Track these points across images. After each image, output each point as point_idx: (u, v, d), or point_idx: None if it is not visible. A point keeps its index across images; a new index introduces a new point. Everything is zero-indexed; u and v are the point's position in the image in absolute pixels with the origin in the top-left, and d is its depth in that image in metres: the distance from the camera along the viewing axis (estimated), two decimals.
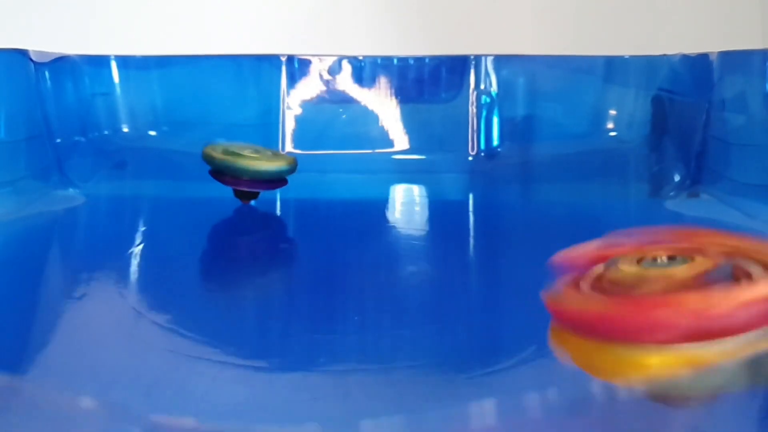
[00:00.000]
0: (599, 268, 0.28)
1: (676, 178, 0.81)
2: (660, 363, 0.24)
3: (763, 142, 0.71)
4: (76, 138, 0.83)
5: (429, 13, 0.99)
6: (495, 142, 0.88)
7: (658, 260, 0.27)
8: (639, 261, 0.27)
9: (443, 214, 0.77)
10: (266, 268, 0.60)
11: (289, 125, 0.88)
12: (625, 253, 0.28)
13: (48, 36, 0.93)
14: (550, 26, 0.99)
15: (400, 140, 0.89)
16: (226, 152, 0.72)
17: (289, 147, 0.88)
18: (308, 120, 0.89)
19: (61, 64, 0.83)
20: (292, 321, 0.47)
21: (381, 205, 0.78)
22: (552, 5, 0.99)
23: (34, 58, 0.78)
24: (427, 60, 0.90)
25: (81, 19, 0.95)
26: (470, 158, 0.87)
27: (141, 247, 0.64)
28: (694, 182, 0.79)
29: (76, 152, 0.82)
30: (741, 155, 0.74)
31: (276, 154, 0.75)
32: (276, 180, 0.73)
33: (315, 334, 0.41)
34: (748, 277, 0.25)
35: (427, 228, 0.73)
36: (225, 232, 0.73)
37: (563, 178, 0.86)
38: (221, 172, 0.72)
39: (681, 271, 0.26)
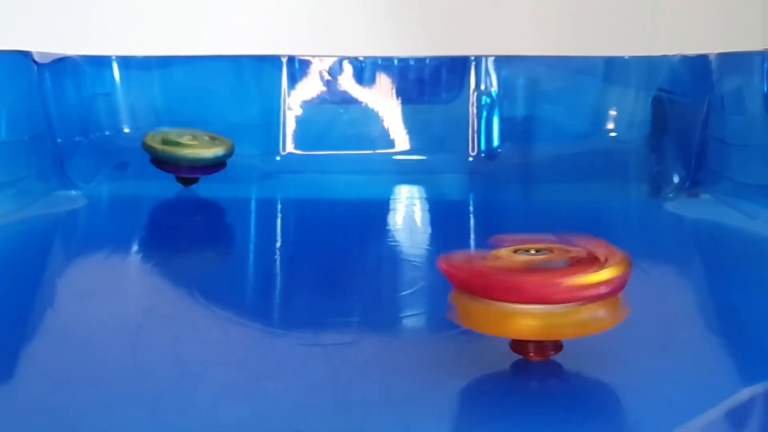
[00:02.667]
0: (487, 252, 0.38)
1: (676, 178, 0.81)
2: (519, 317, 0.34)
3: (763, 143, 0.72)
4: (78, 138, 0.84)
5: (429, 13, 0.99)
6: (495, 142, 0.88)
7: (530, 251, 0.37)
8: (515, 251, 0.37)
9: (444, 214, 0.77)
10: (267, 269, 0.60)
11: (290, 126, 0.88)
12: (507, 245, 0.38)
13: (49, 37, 0.93)
14: (550, 27, 0.99)
15: (401, 141, 0.89)
16: (166, 141, 0.76)
17: (290, 147, 0.88)
18: (309, 120, 0.89)
19: (62, 64, 0.83)
20: (293, 323, 0.47)
21: (382, 205, 0.78)
22: (552, 6, 0.99)
23: (36, 59, 0.78)
24: (427, 61, 0.90)
25: (82, 20, 0.95)
26: (470, 159, 0.88)
27: (142, 248, 0.64)
28: (694, 182, 0.79)
29: (77, 152, 0.82)
30: (740, 155, 0.74)
31: (214, 139, 0.77)
32: (214, 165, 0.76)
33: (316, 337, 0.41)
34: (585, 266, 0.35)
35: (427, 228, 0.73)
36: (225, 232, 0.73)
37: (563, 178, 0.86)
38: (162, 161, 0.76)
39: (541, 258, 0.36)
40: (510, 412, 0.35)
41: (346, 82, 0.89)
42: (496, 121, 0.88)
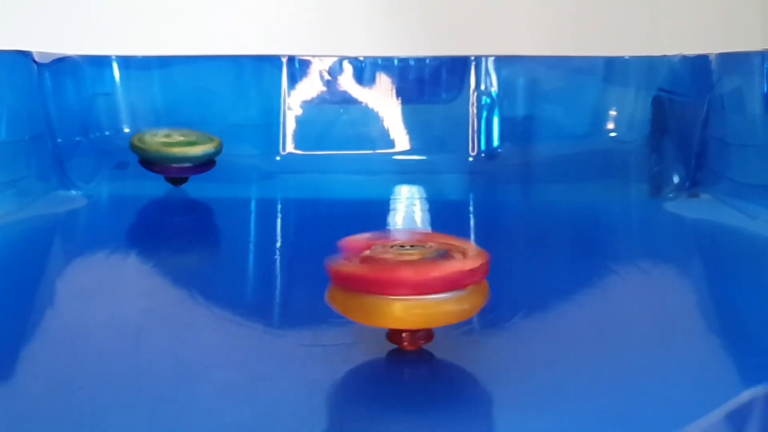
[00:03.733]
0: (367, 250, 0.39)
1: (676, 178, 0.81)
2: (396, 309, 0.36)
3: (763, 143, 0.72)
4: (78, 138, 0.84)
5: (430, 13, 0.99)
6: (495, 142, 0.88)
7: (405, 246, 0.39)
8: (392, 246, 0.39)
9: (444, 214, 0.77)
10: (267, 269, 0.60)
11: (290, 126, 0.88)
12: (385, 242, 0.40)
13: (49, 37, 0.93)
14: (550, 27, 0.99)
15: (401, 141, 0.89)
16: (153, 141, 0.75)
17: (290, 147, 0.88)
18: (309, 120, 0.89)
19: (62, 64, 0.83)
20: (293, 323, 0.47)
21: (382, 205, 0.78)
22: (552, 6, 0.99)
23: (36, 59, 0.78)
24: (427, 60, 0.90)
25: (82, 20, 0.95)
26: (471, 159, 0.88)
27: (142, 248, 0.64)
28: (694, 182, 0.79)
29: (77, 152, 0.82)
30: (740, 156, 0.74)
31: (201, 138, 0.77)
32: (203, 164, 0.76)
33: (316, 337, 0.41)
34: (452, 258, 0.38)
35: (427, 228, 0.73)
36: (225, 232, 0.73)
37: (563, 178, 0.86)
38: (150, 162, 0.76)
39: (415, 252, 0.39)
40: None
41: (346, 82, 0.89)
42: (496, 121, 0.88)
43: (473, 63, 0.89)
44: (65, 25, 0.95)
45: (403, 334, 0.39)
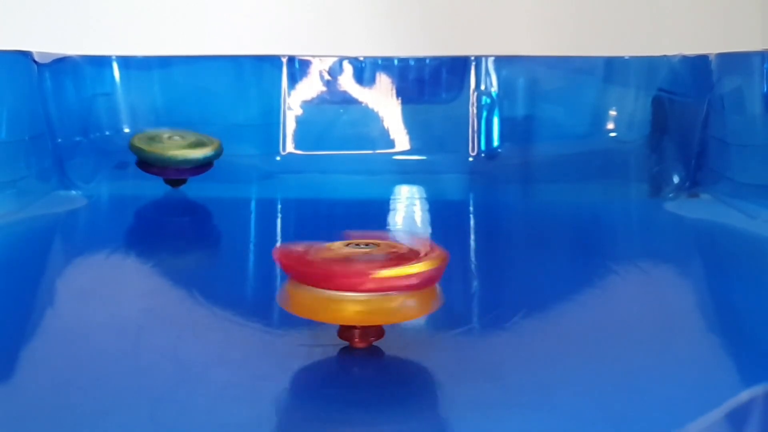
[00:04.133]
0: (322, 246, 0.40)
1: (676, 178, 0.81)
2: (345, 304, 0.37)
3: (763, 143, 0.72)
4: (78, 138, 0.84)
5: (429, 13, 0.99)
6: (495, 142, 0.88)
7: (359, 245, 0.40)
8: (347, 244, 0.40)
9: (444, 214, 0.77)
10: (267, 269, 0.60)
11: (290, 126, 0.88)
12: (342, 241, 0.40)
13: (49, 37, 0.93)
14: (550, 27, 0.99)
15: (401, 141, 0.89)
16: (152, 143, 0.75)
17: (290, 147, 0.88)
18: (309, 120, 0.89)
19: (62, 64, 0.83)
20: (293, 323, 0.47)
21: (382, 205, 0.78)
22: (552, 6, 0.99)
23: (36, 59, 0.78)
24: (427, 61, 0.90)
25: (82, 20, 0.95)
26: (471, 159, 0.88)
27: (142, 248, 0.64)
28: (694, 182, 0.79)
29: (77, 152, 0.82)
30: (740, 156, 0.74)
31: (201, 140, 0.76)
32: (202, 165, 0.75)
33: (316, 337, 0.41)
34: (400, 260, 0.38)
35: (427, 228, 0.73)
36: (225, 232, 0.73)
37: (563, 178, 0.86)
38: (148, 163, 0.75)
39: (366, 251, 0.39)
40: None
41: (346, 82, 0.89)
42: (496, 121, 0.88)
43: (473, 63, 0.89)
44: (65, 25, 0.95)
45: (355, 331, 0.39)
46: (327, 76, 0.89)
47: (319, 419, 0.34)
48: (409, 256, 0.39)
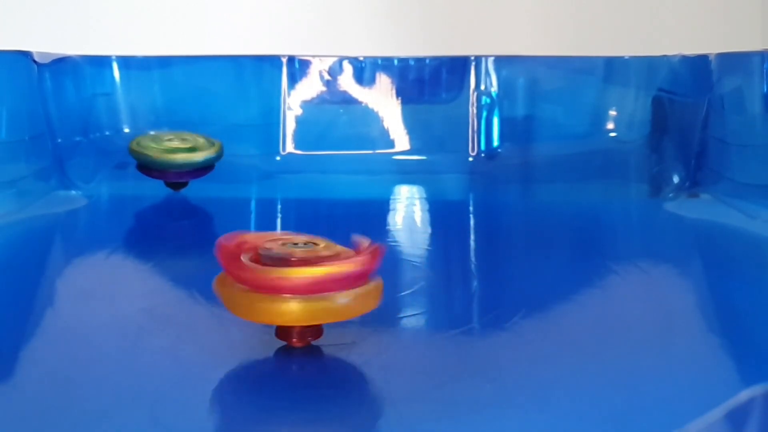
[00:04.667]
0: (261, 245, 0.40)
1: (676, 178, 0.81)
2: (290, 306, 0.37)
3: (763, 143, 0.72)
4: (78, 138, 0.84)
5: (429, 13, 0.99)
6: (495, 142, 0.88)
7: (298, 244, 0.40)
8: (284, 244, 0.40)
9: (444, 214, 0.77)
10: None
11: (290, 126, 0.88)
12: (278, 239, 0.40)
13: (49, 37, 0.93)
14: (550, 27, 0.99)
15: (401, 141, 0.89)
16: (151, 146, 0.74)
17: (290, 147, 0.88)
18: (309, 120, 0.89)
19: (62, 64, 0.83)
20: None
21: (382, 205, 0.78)
22: (552, 6, 0.99)
23: (36, 59, 0.78)
24: (427, 61, 0.90)
25: (82, 20, 0.95)
26: (470, 159, 0.88)
27: (142, 248, 0.64)
28: (694, 182, 0.79)
29: (77, 152, 0.82)
30: (740, 155, 0.74)
31: (202, 142, 0.75)
32: (203, 168, 0.75)
33: (316, 340, 0.41)
34: (338, 258, 0.38)
35: (427, 228, 0.73)
36: (225, 232, 0.73)
37: (563, 178, 0.86)
38: (148, 167, 0.74)
39: (307, 251, 0.39)
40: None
41: (346, 82, 0.89)
42: (496, 121, 0.88)
43: (473, 63, 0.89)
44: (65, 25, 0.95)
45: (293, 331, 0.39)
46: (327, 76, 0.89)
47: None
48: (345, 255, 0.39)
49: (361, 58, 0.90)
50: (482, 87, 0.89)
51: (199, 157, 0.74)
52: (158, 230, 0.71)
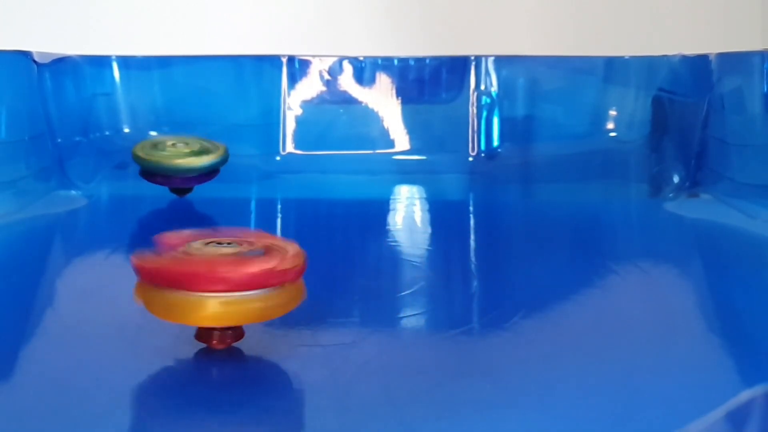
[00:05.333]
0: (183, 246, 0.39)
1: (676, 178, 0.81)
2: (210, 306, 0.36)
3: (763, 143, 0.72)
4: (78, 138, 0.84)
5: (429, 13, 0.99)
6: (495, 142, 0.88)
7: (222, 244, 0.39)
8: (207, 243, 0.39)
9: (444, 214, 0.77)
10: None
11: (290, 126, 0.88)
12: (203, 238, 0.39)
13: (49, 37, 0.93)
14: (550, 27, 0.99)
15: (401, 141, 0.89)
16: (154, 151, 0.72)
17: (290, 147, 0.88)
18: (309, 120, 0.89)
19: (62, 64, 0.83)
20: (293, 323, 0.47)
21: (382, 205, 0.78)
22: (552, 6, 0.99)
23: (36, 59, 0.78)
24: (427, 61, 0.90)
25: (82, 20, 0.95)
26: (470, 159, 0.88)
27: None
28: (694, 182, 0.79)
29: (77, 152, 0.83)
30: (740, 155, 0.74)
31: (206, 146, 0.73)
32: (208, 173, 0.73)
33: (316, 338, 0.41)
34: (270, 256, 0.38)
35: (427, 228, 0.73)
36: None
37: (563, 178, 0.86)
38: (151, 173, 0.72)
39: (229, 250, 0.38)
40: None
41: (346, 82, 0.89)
42: (496, 121, 0.88)
43: (473, 63, 0.89)
44: (65, 25, 0.95)
45: (214, 332, 0.38)
46: (327, 76, 0.89)
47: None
48: (267, 255, 0.38)
49: (361, 58, 0.90)
50: (482, 87, 0.89)
51: (203, 161, 0.72)
52: (158, 230, 0.71)
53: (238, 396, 0.36)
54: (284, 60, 0.89)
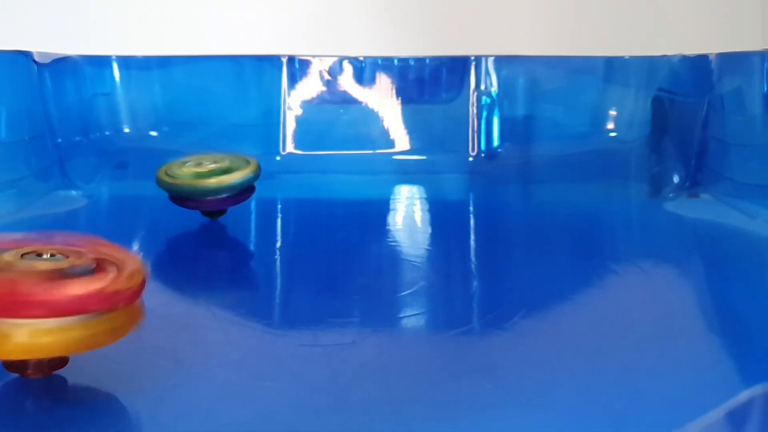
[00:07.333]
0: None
1: (676, 178, 0.81)
2: (20, 336, 0.30)
3: (763, 143, 0.72)
4: (78, 138, 0.84)
5: (429, 13, 0.99)
6: (495, 142, 0.88)
7: (42, 255, 0.32)
8: (24, 254, 0.32)
9: (444, 214, 0.77)
10: (267, 269, 0.60)
11: (290, 126, 0.88)
12: (21, 246, 0.33)
13: (49, 37, 0.93)
14: (550, 27, 0.99)
15: (401, 141, 0.89)
16: (183, 173, 0.64)
17: (290, 147, 0.88)
18: (309, 120, 0.89)
19: (62, 64, 0.83)
20: (293, 323, 0.47)
21: (382, 205, 0.78)
22: (552, 6, 0.99)
23: (36, 59, 0.78)
24: (427, 60, 0.90)
25: (82, 20, 0.95)
26: (471, 159, 0.88)
27: (142, 248, 0.64)
28: (694, 182, 0.79)
29: (77, 152, 0.83)
30: (740, 155, 0.74)
31: (236, 162, 0.66)
32: (242, 192, 0.65)
33: (316, 338, 0.41)
34: (101, 274, 0.32)
35: (427, 228, 0.73)
36: (225, 232, 0.73)
37: (563, 178, 0.86)
38: (182, 197, 0.65)
39: (47, 265, 0.32)
40: None
41: (346, 82, 0.89)
42: (496, 121, 0.88)
43: (473, 63, 0.89)
44: (65, 25, 0.95)
45: (29, 362, 0.33)
46: (327, 76, 0.89)
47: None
48: (97, 272, 0.33)
49: (361, 58, 0.90)
50: (482, 87, 0.89)
51: (234, 178, 0.63)
52: (158, 230, 0.71)
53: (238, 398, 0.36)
54: (284, 60, 0.89)
